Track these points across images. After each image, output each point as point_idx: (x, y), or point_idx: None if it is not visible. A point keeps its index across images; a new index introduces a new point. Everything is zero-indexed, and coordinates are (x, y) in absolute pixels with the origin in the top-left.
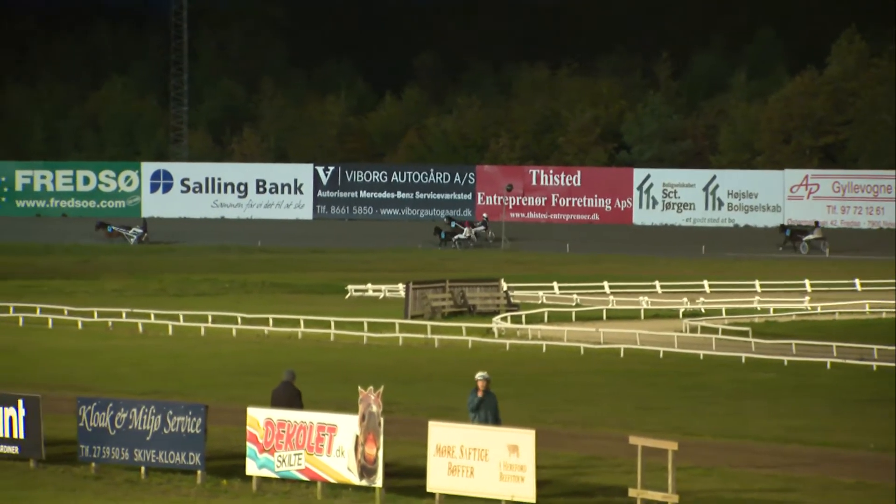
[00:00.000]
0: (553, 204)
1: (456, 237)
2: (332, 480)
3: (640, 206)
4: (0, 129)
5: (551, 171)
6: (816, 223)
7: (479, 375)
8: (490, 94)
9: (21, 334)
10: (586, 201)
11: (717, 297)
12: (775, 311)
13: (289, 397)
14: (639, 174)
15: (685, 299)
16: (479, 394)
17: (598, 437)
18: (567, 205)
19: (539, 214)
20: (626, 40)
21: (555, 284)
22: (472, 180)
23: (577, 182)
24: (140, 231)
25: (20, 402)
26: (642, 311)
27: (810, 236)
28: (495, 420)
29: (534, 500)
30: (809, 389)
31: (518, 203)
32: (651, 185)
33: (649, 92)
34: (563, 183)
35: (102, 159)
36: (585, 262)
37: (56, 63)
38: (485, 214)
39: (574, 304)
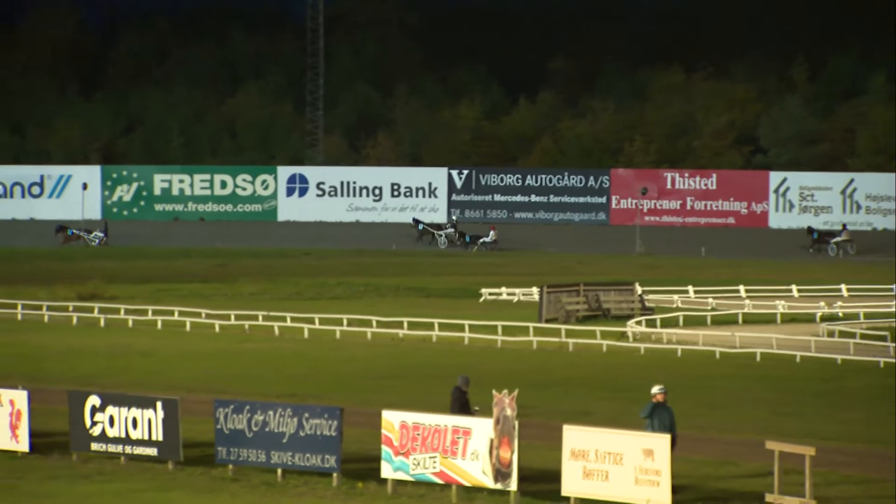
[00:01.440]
0: (688, 207)
1: (481, 240)
2: (466, 484)
3: (777, 209)
4: (139, 134)
5: (686, 175)
6: (844, 226)
7: (655, 389)
8: (624, 98)
9: (159, 337)
10: (722, 205)
11: (854, 300)
12: None
13: (452, 400)
14: (775, 177)
15: (822, 303)
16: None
17: (734, 441)
18: (702, 208)
19: (674, 218)
20: (761, 44)
21: (690, 288)
22: (606, 184)
23: (712, 185)
24: (101, 234)
25: (158, 404)
26: (779, 315)
27: (838, 238)
28: (667, 431)
29: None
30: None
31: (653, 207)
32: (787, 189)
33: (785, 95)
34: (698, 186)
35: (238, 164)
36: (721, 266)
37: (193, 69)
38: (453, 216)
39: (709, 307)
